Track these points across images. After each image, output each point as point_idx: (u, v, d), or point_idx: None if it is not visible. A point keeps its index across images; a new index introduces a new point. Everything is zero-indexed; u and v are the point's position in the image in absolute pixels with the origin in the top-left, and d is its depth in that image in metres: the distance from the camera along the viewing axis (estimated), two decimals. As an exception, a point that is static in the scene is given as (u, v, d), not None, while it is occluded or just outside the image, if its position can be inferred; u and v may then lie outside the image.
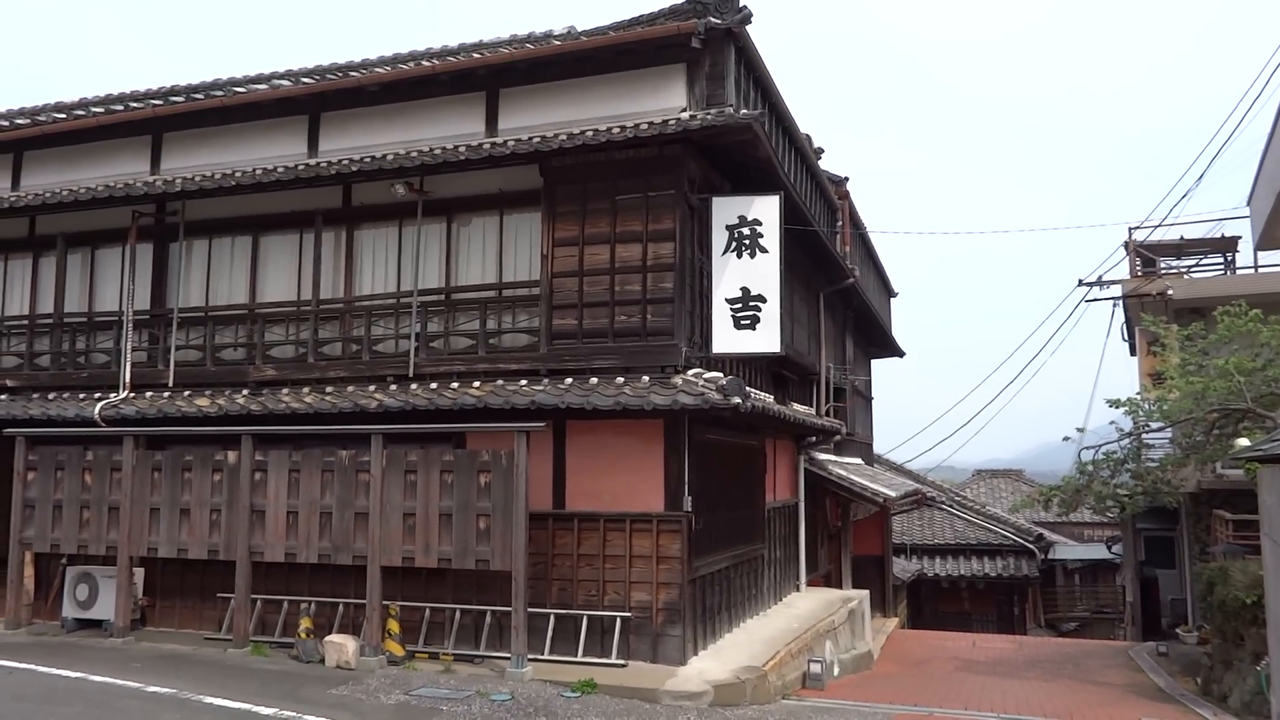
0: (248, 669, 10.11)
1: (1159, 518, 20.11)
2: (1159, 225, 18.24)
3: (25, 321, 14.15)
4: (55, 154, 14.18)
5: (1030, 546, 27.88)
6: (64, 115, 15.02)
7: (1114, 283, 18.92)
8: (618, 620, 10.34)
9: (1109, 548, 28.25)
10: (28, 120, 15.24)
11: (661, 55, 11.17)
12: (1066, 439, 15.90)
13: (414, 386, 11.27)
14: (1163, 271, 19.18)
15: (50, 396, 13.17)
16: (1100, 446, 15.18)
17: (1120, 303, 19.18)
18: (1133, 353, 21.30)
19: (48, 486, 12.02)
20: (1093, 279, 18.90)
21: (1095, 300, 19.16)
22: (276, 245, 12.86)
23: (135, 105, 14.43)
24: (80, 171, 13.89)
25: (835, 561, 19.37)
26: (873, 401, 26.46)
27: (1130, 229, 19.03)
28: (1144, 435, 15.08)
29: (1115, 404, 14.77)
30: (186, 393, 12.42)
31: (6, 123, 15.40)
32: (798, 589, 16.04)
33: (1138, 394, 15.82)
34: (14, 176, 14.51)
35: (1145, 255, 19.29)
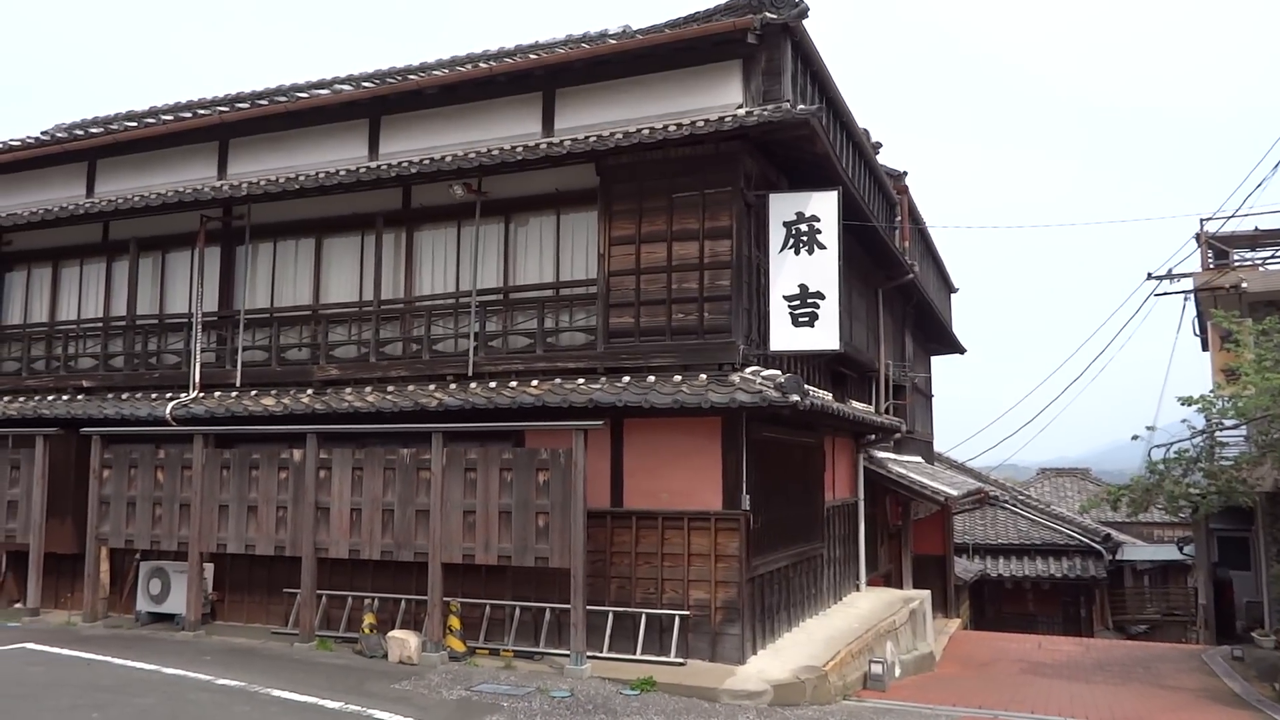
0: (313, 663, 10.31)
1: (1233, 518, 19.48)
2: (1232, 216, 17.65)
3: (100, 324, 14.60)
4: (127, 161, 14.62)
5: (1097, 547, 27.23)
6: (135, 123, 15.49)
7: (1184, 276, 18.35)
8: (676, 618, 10.34)
9: (1180, 548, 27.46)
10: (101, 129, 15.75)
11: (717, 52, 11.13)
12: (1135, 437, 15.49)
13: (473, 385, 11.39)
14: (1236, 264, 18.57)
15: (124, 396, 13.57)
16: (1172, 445, 14.76)
17: (1191, 296, 18.60)
18: (1204, 348, 20.67)
19: (122, 484, 12.39)
20: (1162, 272, 18.35)
21: (1165, 294, 18.60)
22: (339, 247, 13.09)
23: (203, 112, 14.82)
24: (151, 177, 14.30)
25: (896, 561, 19.12)
26: (933, 399, 26.08)
27: (1202, 220, 18.44)
28: (1217, 433, 14.64)
29: (1187, 401, 14.34)
30: (253, 392, 12.70)
31: (81, 132, 15.94)
32: (858, 588, 15.88)
33: (1210, 391, 15.33)
34: (89, 183, 14.99)
35: (1218, 247, 18.69)
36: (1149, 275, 18.49)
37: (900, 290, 18.51)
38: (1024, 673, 14.86)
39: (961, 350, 27.04)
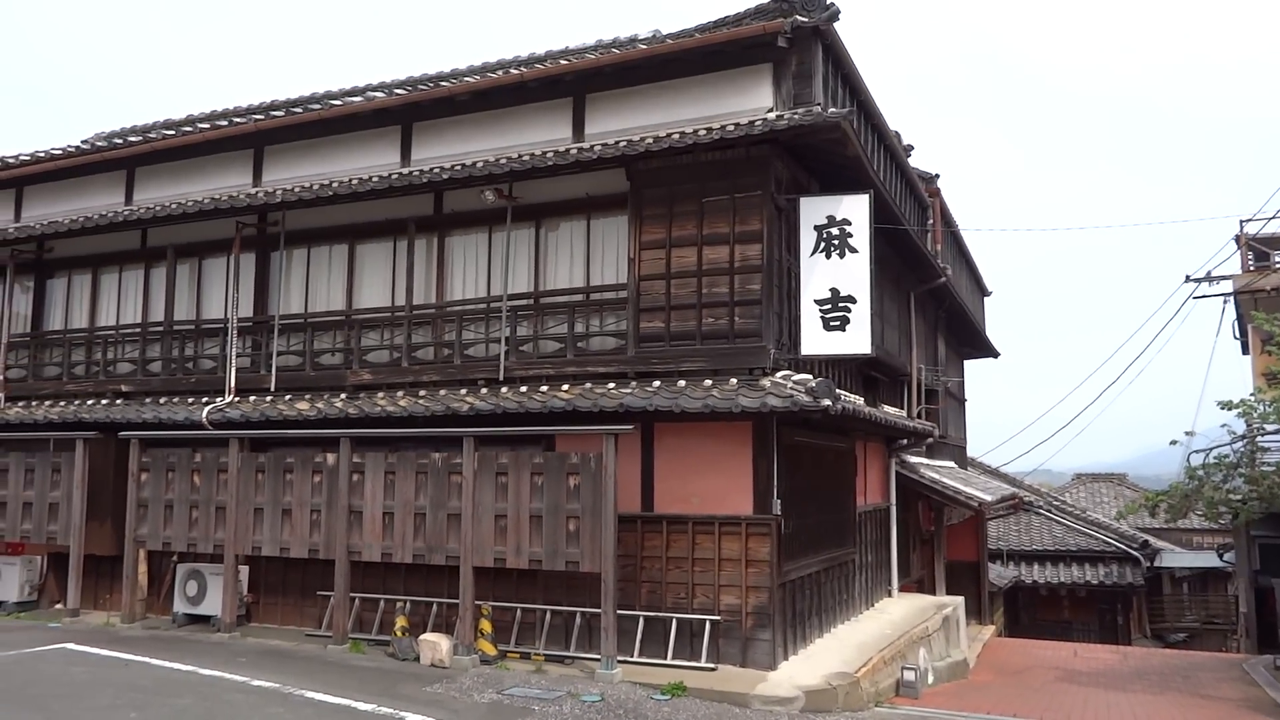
0: (346, 665, 10.40)
1: (1275, 524, 19.08)
2: (1273, 217, 17.37)
3: (138, 329, 14.83)
4: (165, 169, 14.84)
5: (1135, 553, 26.84)
6: (172, 132, 15.74)
7: (1224, 278, 18.06)
8: (707, 623, 10.31)
9: (1220, 555, 26.95)
10: (139, 138, 16.01)
11: (747, 55, 11.11)
12: (1174, 442, 15.23)
13: (504, 390, 11.44)
14: (1277, 266, 18.25)
15: (161, 401, 13.77)
16: (1211, 450, 14.51)
17: (1231, 299, 18.30)
18: (1245, 351, 20.32)
19: (159, 487, 12.57)
20: (1201, 274, 18.08)
21: (1204, 297, 18.30)
22: (371, 253, 13.21)
23: (238, 120, 15.01)
24: (188, 185, 14.51)
25: (928, 567, 18.95)
26: (966, 403, 25.84)
27: (1242, 221, 18.16)
28: (1259, 438, 14.36)
29: (1227, 405, 14.09)
30: (288, 396, 12.84)
31: (120, 140, 16.21)
32: (890, 594, 15.76)
33: (1251, 395, 15.05)
34: (128, 191, 15.24)
35: (1258, 249, 18.39)
36: (1187, 278, 18.21)
37: (932, 293, 18.37)
38: (1059, 681, 14.67)
39: (995, 354, 26.79)
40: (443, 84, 13.78)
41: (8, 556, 14.10)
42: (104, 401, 14.25)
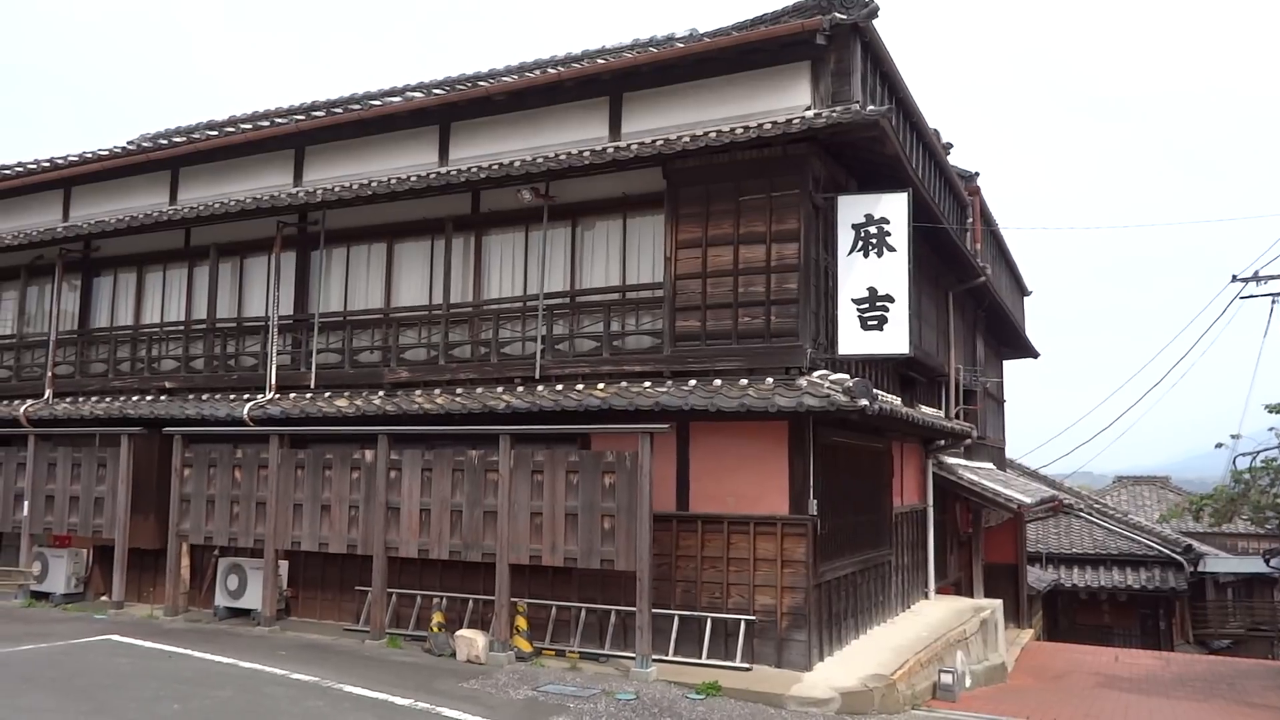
0: (384, 660, 10.50)
1: (1324, 530, 18.68)
2: (1323, 215, 16.96)
3: (181, 327, 15.07)
4: (208, 169, 15.08)
5: (1178, 558, 26.35)
6: (215, 132, 16.00)
7: (1272, 278, 17.65)
8: (742, 623, 10.28)
9: (1267, 561, 26.38)
10: (183, 138, 16.29)
11: (785, 54, 11.06)
12: (1219, 445, 15.00)
13: (540, 388, 11.49)
14: (1328, 265, 17.82)
15: (204, 397, 13.99)
16: (1258, 453, 14.26)
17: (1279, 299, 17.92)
18: (1293, 353, 19.88)
19: (201, 482, 12.77)
20: (1248, 274, 17.70)
21: (1251, 297, 17.92)
22: (409, 252, 13.32)
23: (279, 121, 15.21)
24: (230, 185, 14.73)
25: (966, 569, 18.76)
26: (1005, 404, 25.53)
27: (1290, 220, 17.75)
28: (1308, 442, 14.07)
29: (1276, 409, 13.83)
30: (327, 394, 12.98)
31: (165, 141, 16.50)
32: (926, 596, 15.62)
33: (1301, 397, 14.76)
34: (172, 191, 15.50)
35: (1308, 248, 17.97)
36: (1234, 277, 17.83)
37: (971, 293, 18.17)
38: (1100, 686, 14.45)
39: (1035, 354, 26.44)
40: (480, 84, 13.87)
41: (55, 549, 14.41)
42: (148, 398, 14.50)
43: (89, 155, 16.56)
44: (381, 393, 12.65)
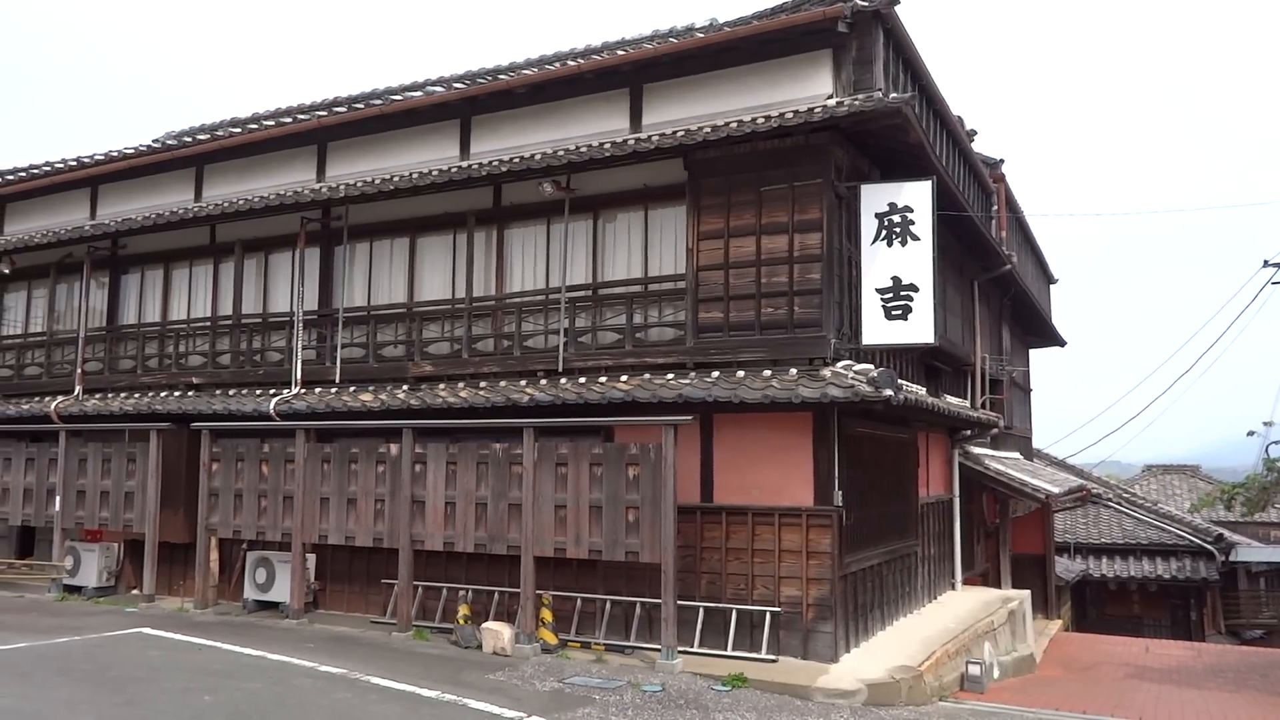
0: (410, 652, 10.56)
1: (1359, 519, 18.41)
2: (1358, 199, 16.66)
3: (208, 323, 15.21)
4: (232, 166, 15.18)
5: (1209, 547, 26.03)
6: (239, 130, 16.09)
7: (1305, 263, 17.39)
8: (767, 615, 10.26)
9: (1300, 550, 26.10)
10: (207, 136, 16.40)
11: (806, 42, 10.99)
12: (1251, 433, 14.80)
13: (563, 381, 11.49)
14: (1362, 250, 17.53)
15: (230, 392, 14.10)
16: (1291, 441, 14.04)
17: (1313, 285, 17.61)
18: (1327, 339, 19.56)
19: (229, 476, 12.89)
20: (1280, 259, 17.44)
21: (1283, 282, 17.67)
22: (432, 246, 13.35)
23: (302, 117, 15.29)
24: (254, 181, 14.82)
25: (993, 560, 18.62)
26: (1031, 393, 25.31)
27: (1324, 204, 17.44)
28: (1342, 429, 13.85)
29: (1308, 395, 13.60)
30: (352, 388, 13.06)
31: (190, 139, 16.63)
32: (953, 587, 15.52)
33: (1335, 384, 14.51)
34: (197, 188, 15.62)
35: (1341, 232, 17.65)
36: (1265, 263, 17.58)
37: (997, 281, 18.00)
38: (1130, 677, 14.31)
39: (1062, 343, 26.18)
40: (500, 77, 13.87)
41: (87, 543, 14.61)
42: (176, 393, 14.65)
43: (115, 154, 16.71)
44: (405, 386, 12.70)
